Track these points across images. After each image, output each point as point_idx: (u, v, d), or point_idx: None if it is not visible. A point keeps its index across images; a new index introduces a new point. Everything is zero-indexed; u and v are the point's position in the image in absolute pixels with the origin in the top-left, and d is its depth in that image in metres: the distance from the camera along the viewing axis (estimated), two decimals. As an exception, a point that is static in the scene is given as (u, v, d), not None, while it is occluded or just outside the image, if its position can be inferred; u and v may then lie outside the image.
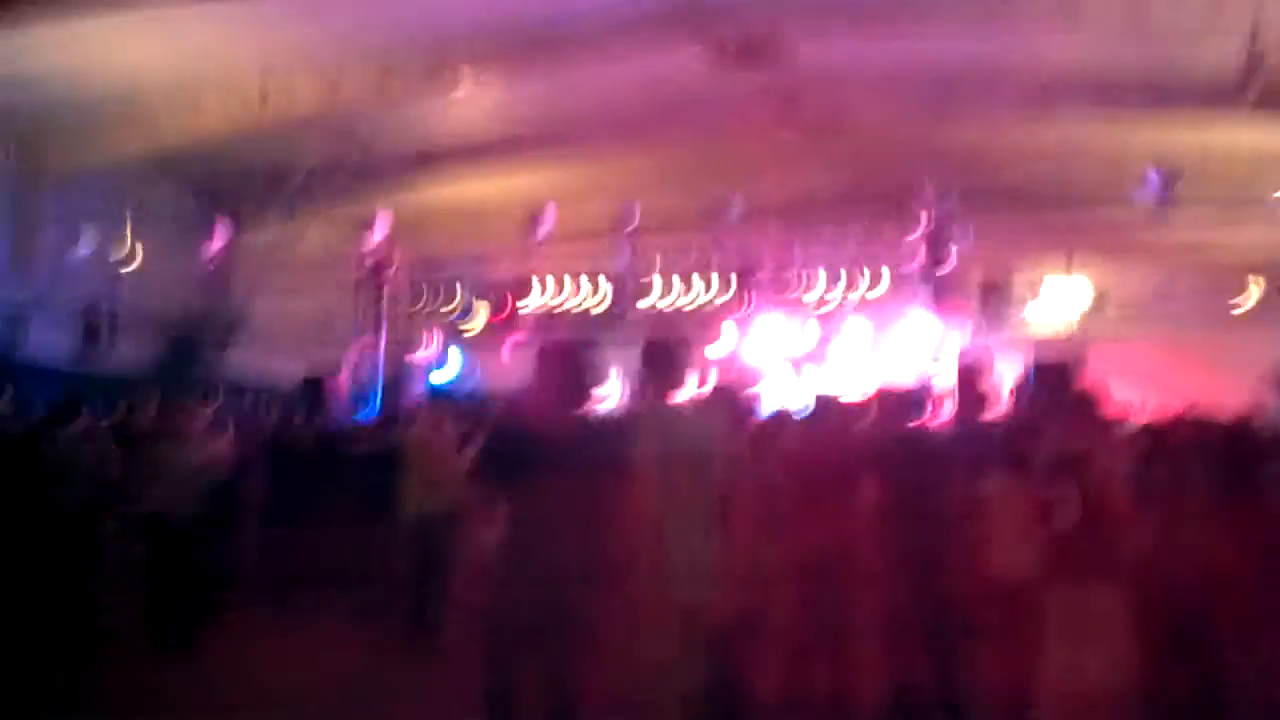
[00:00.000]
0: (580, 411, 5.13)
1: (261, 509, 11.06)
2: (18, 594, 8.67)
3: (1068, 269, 27.27)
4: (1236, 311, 25.40)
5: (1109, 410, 7.04)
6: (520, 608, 4.82)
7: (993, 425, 10.12)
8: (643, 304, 24.25)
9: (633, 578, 5.09)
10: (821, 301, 21.98)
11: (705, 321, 24.78)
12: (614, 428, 5.53)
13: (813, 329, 23.33)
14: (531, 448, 4.93)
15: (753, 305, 21.19)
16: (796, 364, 23.33)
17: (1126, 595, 6.18)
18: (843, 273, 21.76)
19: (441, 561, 8.21)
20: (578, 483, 4.75)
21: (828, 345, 23.43)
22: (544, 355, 5.23)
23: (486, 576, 5.04)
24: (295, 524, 10.85)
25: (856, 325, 23.22)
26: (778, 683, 7.24)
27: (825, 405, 8.18)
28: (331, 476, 10.99)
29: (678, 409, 5.47)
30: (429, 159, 24.64)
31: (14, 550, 8.95)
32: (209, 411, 10.84)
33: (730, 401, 6.17)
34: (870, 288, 21.30)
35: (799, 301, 22.08)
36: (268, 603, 10.90)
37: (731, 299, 21.06)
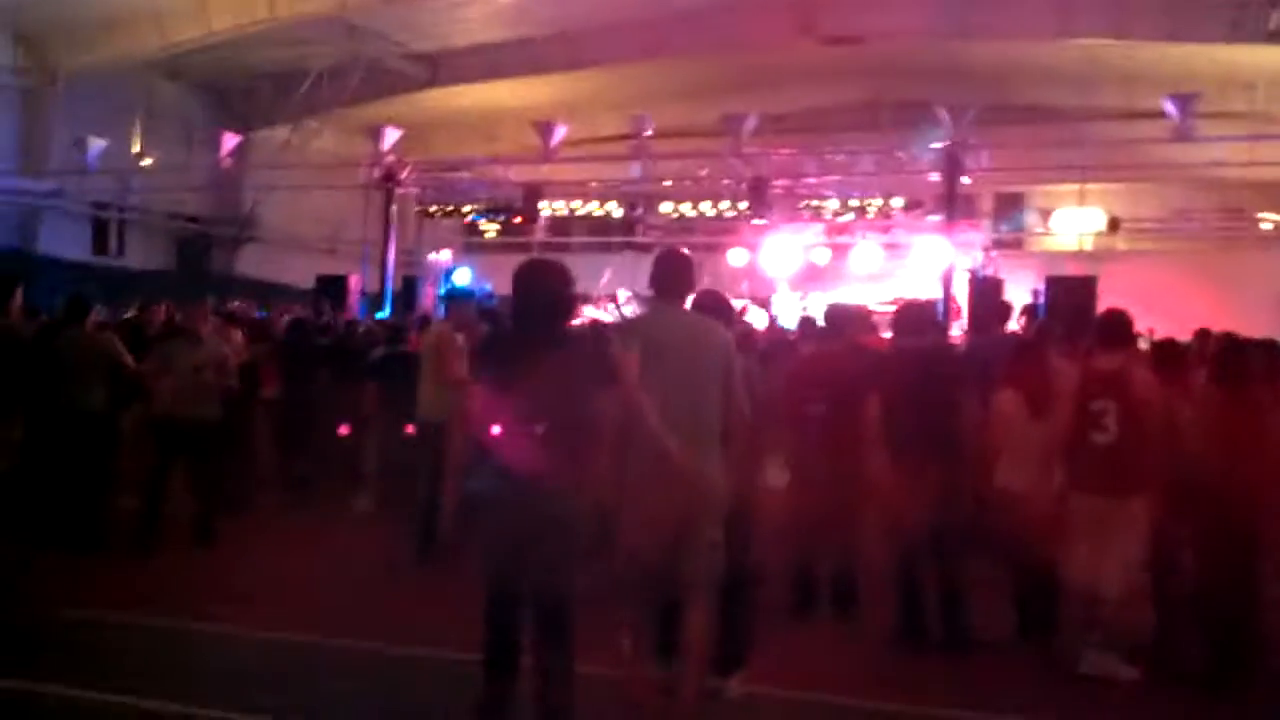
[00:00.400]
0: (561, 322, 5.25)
1: (278, 407, 11.15)
2: (37, 490, 8.80)
3: (1082, 189, 27.16)
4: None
5: (1131, 327, 7.06)
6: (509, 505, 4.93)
7: (1006, 340, 10.19)
8: (657, 213, 24.19)
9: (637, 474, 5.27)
10: (836, 215, 21.86)
11: (720, 231, 24.73)
12: (596, 334, 5.75)
13: (826, 244, 23.28)
14: (516, 355, 5.10)
15: (767, 218, 21.07)
16: (810, 277, 23.33)
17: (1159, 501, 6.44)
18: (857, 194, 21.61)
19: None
20: (557, 386, 4.89)
21: (841, 260, 23.38)
22: (521, 271, 5.32)
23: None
24: (311, 423, 10.95)
25: (870, 241, 23.14)
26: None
27: (843, 315, 8.19)
28: (347, 376, 11.04)
29: (675, 313, 5.56)
30: (441, 61, 24.46)
31: (33, 446, 9.09)
32: (224, 310, 10.82)
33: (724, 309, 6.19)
34: (885, 204, 21.16)
35: (814, 215, 21.96)
36: (284, 499, 11.08)
37: (746, 211, 20.92)
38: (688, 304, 5.69)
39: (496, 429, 4.94)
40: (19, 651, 6.47)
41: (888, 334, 9.15)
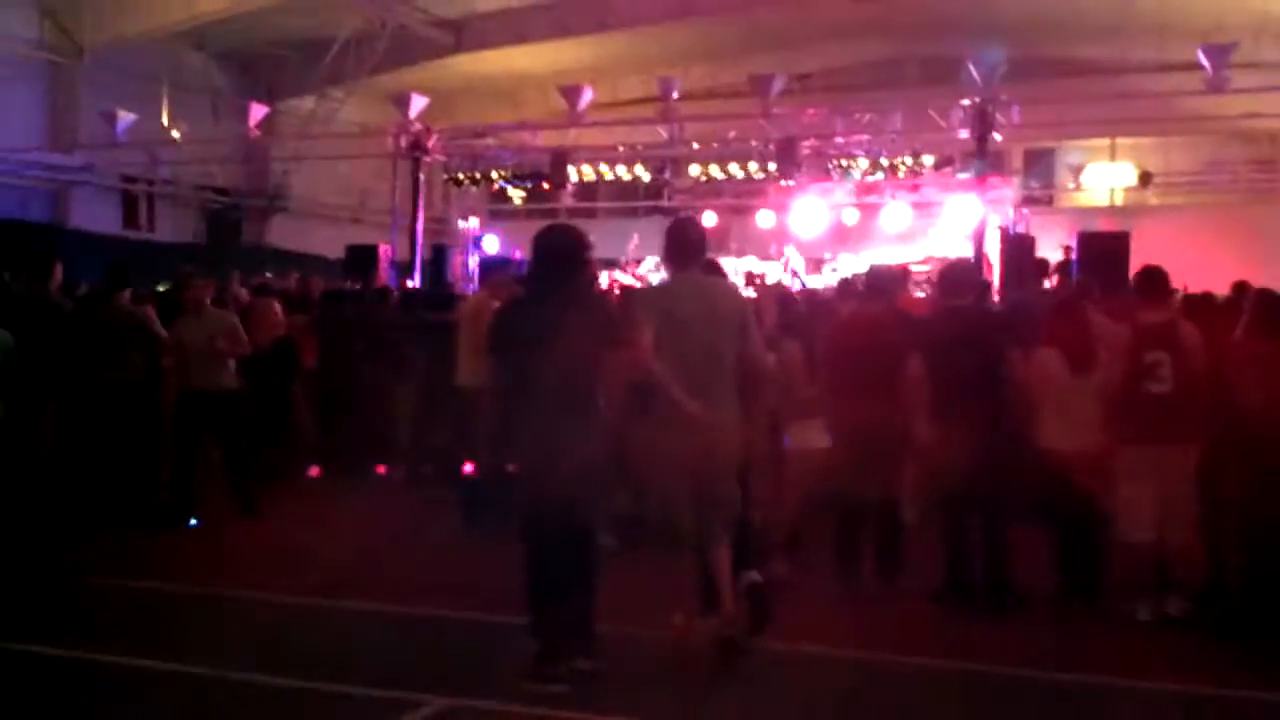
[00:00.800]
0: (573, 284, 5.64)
1: (313, 376, 11.21)
2: (76, 460, 8.90)
3: (1113, 143, 26.88)
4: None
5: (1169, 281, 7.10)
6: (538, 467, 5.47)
7: (1043, 297, 10.15)
8: (685, 176, 24.04)
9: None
10: (865, 175, 21.67)
11: (748, 194, 24.58)
12: (607, 300, 6.41)
13: (855, 204, 23.12)
14: (530, 316, 5.55)
15: (796, 179, 20.92)
16: (840, 239, 23.17)
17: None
18: (884, 153, 21.40)
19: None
20: (566, 344, 5.31)
21: (871, 220, 23.21)
22: (538, 236, 5.75)
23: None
24: (347, 391, 11.01)
25: (899, 200, 22.97)
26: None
27: (887, 276, 8.14)
28: (381, 345, 11.08)
29: (690, 279, 5.87)
30: (465, 27, 24.36)
31: (71, 416, 9.18)
32: (259, 284, 10.84)
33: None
34: (915, 162, 20.94)
35: (843, 175, 21.77)
36: (320, 467, 11.18)
37: (774, 173, 20.77)
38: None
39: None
40: (54, 618, 6.58)
41: (920, 294, 9.18)
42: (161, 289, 14.22)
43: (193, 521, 9.07)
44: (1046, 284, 13.16)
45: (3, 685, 5.59)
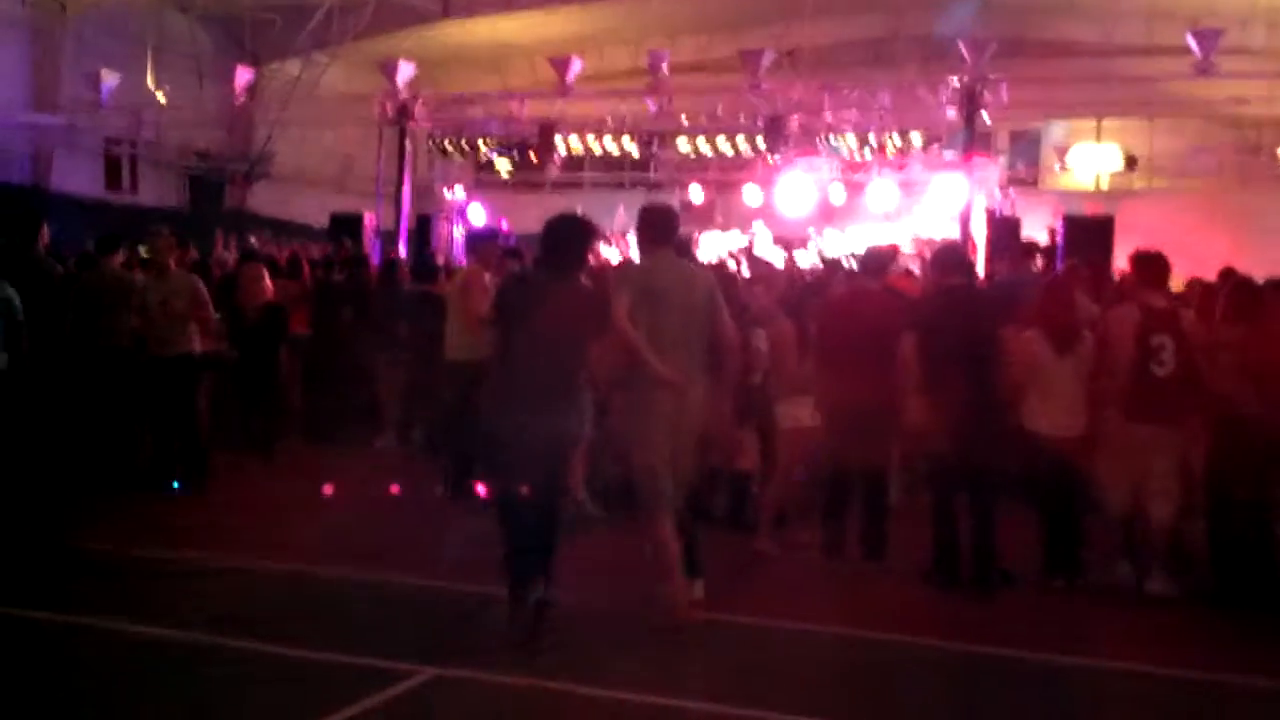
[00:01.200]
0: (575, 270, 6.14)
1: (303, 345, 11.18)
2: (64, 427, 8.86)
3: (1099, 125, 26.93)
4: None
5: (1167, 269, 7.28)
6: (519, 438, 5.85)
7: (1029, 279, 10.18)
8: (673, 149, 23.99)
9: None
10: (853, 152, 21.67)
11: (734, 169, 24.54)
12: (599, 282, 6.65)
13: (841, 180, 23.12)
14: (532, 296, 6.00)
15: (783, 155, 20.90)
16: (826, 216, 23.18)
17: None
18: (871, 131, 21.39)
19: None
20: (562, 326, 5.81)
21: (857, 198, 23.22)
22: (551, 223, 6.14)
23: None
24: (336, 361, 10.98)
25: (886, 179, 22.98)
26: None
27: (883, 257, 8.21)
28: (368, 315, 11.05)
29: (664, 259, 6.28)
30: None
31: (61, 382, 9.15)
32: (249, 249, 10.77)
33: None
34: (903, 141, 20.96)
35: (831, 152, 21.76)
36: (312, 435, 11.19)
37: (762, 148, 20.75)
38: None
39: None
40: (44, 584, 6.59)
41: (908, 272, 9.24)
42: (145, 253, 14.19)
43: (175, 485, 9.01)
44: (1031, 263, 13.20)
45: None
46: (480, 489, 7.96)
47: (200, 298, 9.17)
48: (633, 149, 22.33)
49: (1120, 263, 14.38)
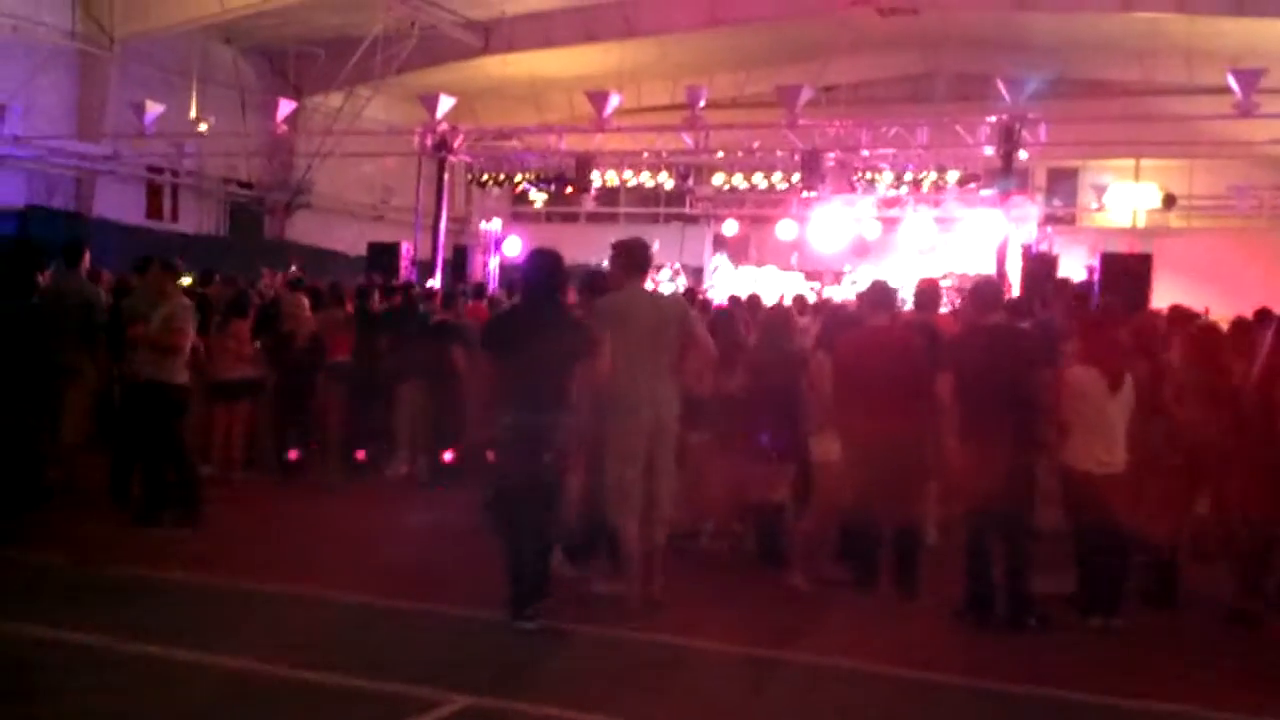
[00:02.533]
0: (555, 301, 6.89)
1: (340, 372, 11.23)
2: (105, 444, 8.96)
3: (1137, 165, 26.83)
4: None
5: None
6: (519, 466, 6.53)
7: (1063, 318, 10.12)
8: (708, 184, 24.09)
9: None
10: (889, 189, 21.66)
11: (770, 204, 24.60)
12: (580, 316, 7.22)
13: (877, 217, 23.11)
14: (520, 327, 6.77)
15: (820, 190, 20.94)
16: (860, 252, 23.18)
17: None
18: (909, 167, 21.38)
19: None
20: (549, 351, 6.51)
21: (891, 233, 23.21)
22: (527, 259, 7.10)
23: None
24: (371, 386, 11.03)
25: (921, 214, 22.95)
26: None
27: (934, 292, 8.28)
28: (407, 342, 11.10)
29: (638, 289, 7.11)
30: (494, 29, 24.42)
31: (101, 401, 9.27)
32: (294, 278, 10.83)
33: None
34: (939, 177, 20.94)
35: (867, 188, 21.77)
36: (342, 458, 11.25)
37: (798, 183, 20.79)
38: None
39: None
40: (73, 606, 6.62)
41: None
42: (185, 281, 14.35)
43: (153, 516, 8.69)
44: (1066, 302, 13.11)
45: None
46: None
47: (171, 325, 8.63)
48: (668, 183, 22.37)
49: (1158, 301, 14.31)
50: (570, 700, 5.36)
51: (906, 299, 12.34)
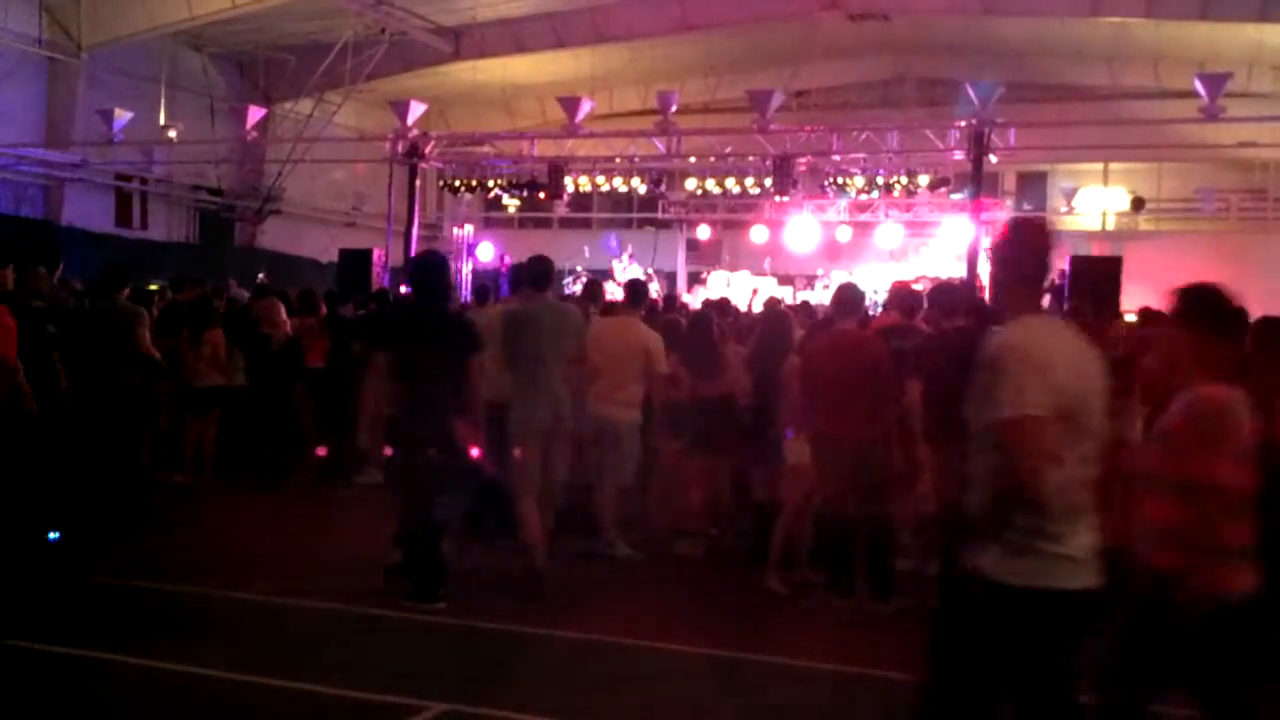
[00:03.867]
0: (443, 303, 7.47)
1: (318, 379, 11.16)
2: (81, 455, 8.87)
3: (1106, 168, 27.07)
4: None
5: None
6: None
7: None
8: (681, 189, 24.11)
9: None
10: (860, 193, 21.76)
11: (742, 208, 24.65)
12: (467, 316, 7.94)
13: (848, 221, 23.22)
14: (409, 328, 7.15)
15: (791, 195, 20.99)
16: (832, 255, 23.28)
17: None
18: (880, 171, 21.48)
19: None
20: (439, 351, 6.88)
21: (863, 237, 23.32)
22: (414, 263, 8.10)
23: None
24: (345, 393, 10.96)
25: (893, 219, 23.08)
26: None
27: (910, 296, 8.29)
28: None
29: (540, 300, 7.84)
30: (464, 35, 24.40)
31: (78, 413, 9.16)
32: (266, 285, 10.78)
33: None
34: (910, 181, 21.03)
35: (838, 193, 21.85)
36: (325, 469, 11.19)
37: (770, 188, 20.82)
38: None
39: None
40: (58, 617, 6.57)
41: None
42: (153, 288, 14.25)
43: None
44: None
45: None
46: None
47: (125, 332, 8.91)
48: (641, 188, 22.38)
49: (1128, 304, 14.42)
50: (552, 708, 5.36)
51: (878, 302, 12.39)
